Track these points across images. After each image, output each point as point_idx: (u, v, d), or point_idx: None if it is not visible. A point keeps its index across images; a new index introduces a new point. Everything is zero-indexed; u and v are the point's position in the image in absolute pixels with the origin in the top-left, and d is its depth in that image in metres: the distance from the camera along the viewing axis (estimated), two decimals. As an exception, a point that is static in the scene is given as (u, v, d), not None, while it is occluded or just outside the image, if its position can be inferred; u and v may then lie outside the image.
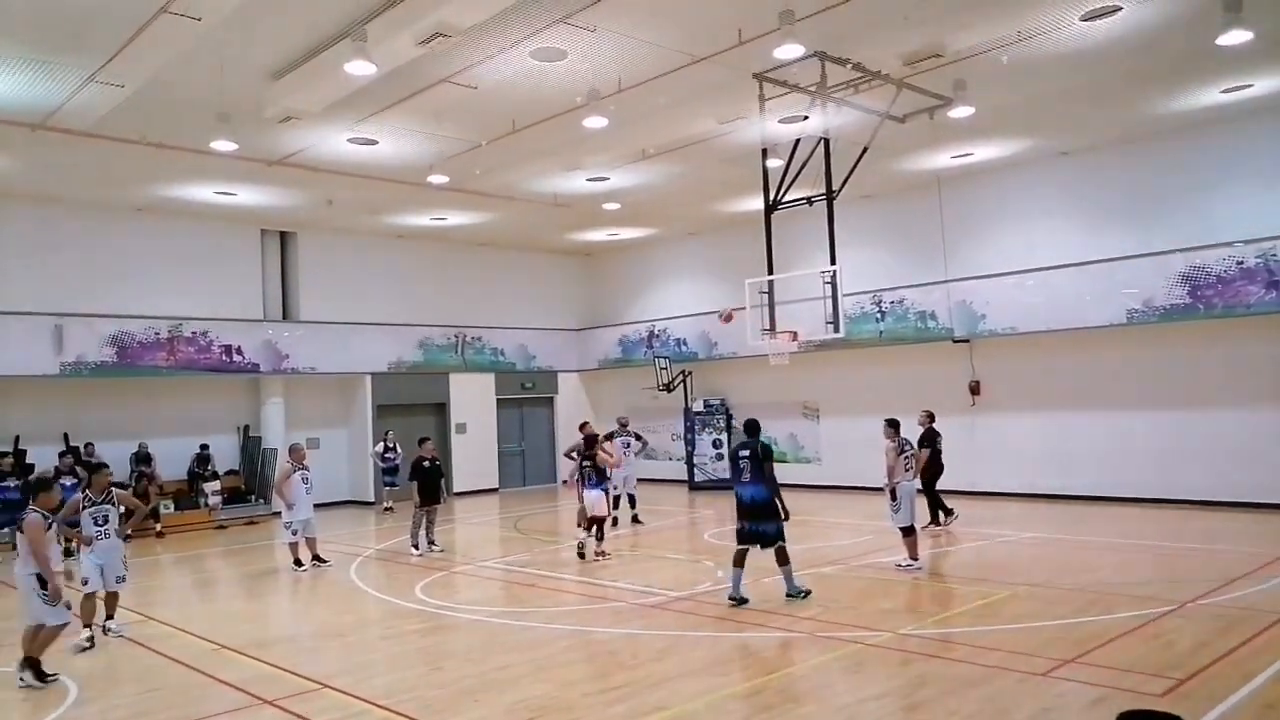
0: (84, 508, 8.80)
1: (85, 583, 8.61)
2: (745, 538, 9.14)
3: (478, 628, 8.86)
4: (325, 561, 12.31)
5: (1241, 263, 13.69)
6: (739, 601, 9.02)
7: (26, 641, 7.40)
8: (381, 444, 18.98)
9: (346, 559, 12.93)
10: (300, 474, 12.25)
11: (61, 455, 15.50)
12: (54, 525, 7.73)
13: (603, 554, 11.84)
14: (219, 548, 15.08)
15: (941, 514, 13.34)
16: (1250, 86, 12.83)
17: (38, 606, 7.38)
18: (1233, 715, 5.64)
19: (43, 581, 7.36)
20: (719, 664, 7.18)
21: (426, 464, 13.25)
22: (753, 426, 9.58)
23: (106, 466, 9.69)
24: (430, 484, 13.16)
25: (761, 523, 9.07)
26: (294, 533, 12.23)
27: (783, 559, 9.12)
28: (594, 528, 11.95)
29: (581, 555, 11.92)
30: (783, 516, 9.16)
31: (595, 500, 11.95)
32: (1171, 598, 8.59)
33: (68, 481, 14.88)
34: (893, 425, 11.11)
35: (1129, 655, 6.90)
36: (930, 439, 13.29)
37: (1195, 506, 14.30)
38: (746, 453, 9.27)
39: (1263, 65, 11.97)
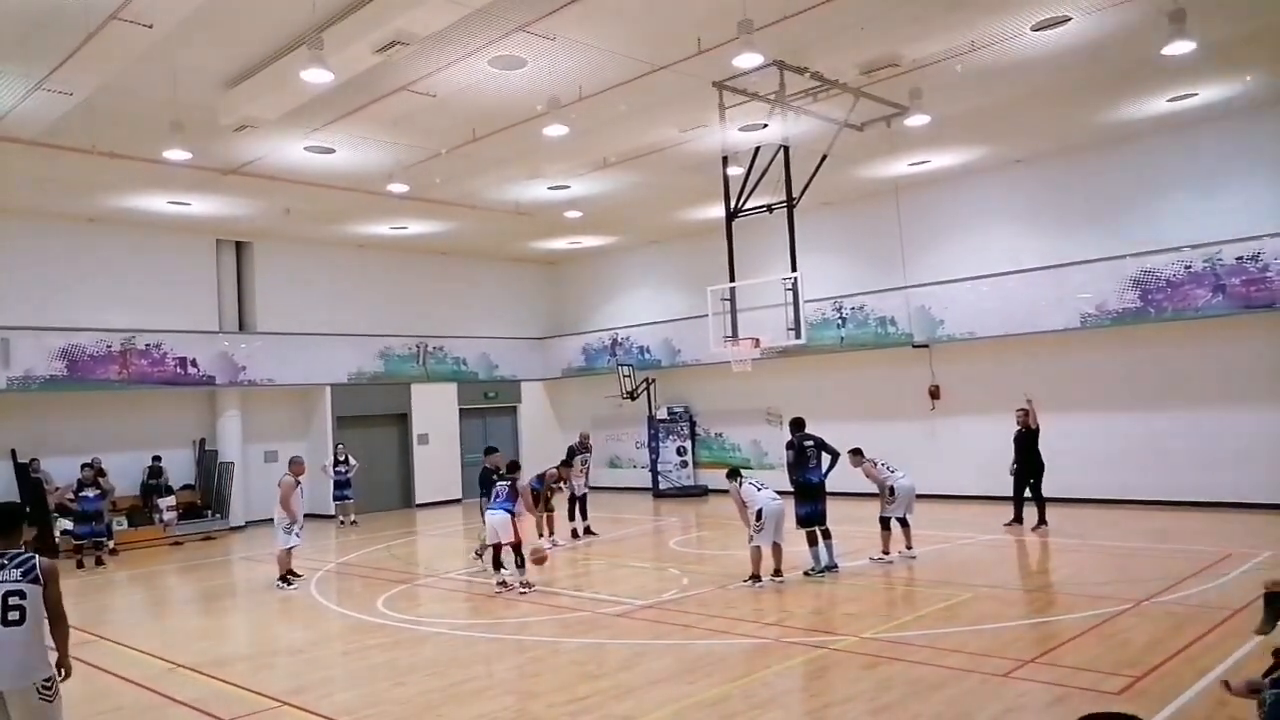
0: None
1: None
2: (816, 519, 10.36)
3: (441, 641, 8.76)
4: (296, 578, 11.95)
5: (1189, 267, 14.04)
6: (831, 568, 10.43)
7: None
8: (332, 457, 18.63)
9: (307, 573, 12.70)
10: (300, 487, 12.05)
11: (84, 467, 14.94)
12: None
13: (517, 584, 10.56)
14: (174, 564, 14.75)
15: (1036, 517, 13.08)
16: (1195, 95, 13.18)
17: None
18: (1187, 711, 5.76)
19: None
20: (685, 672, 7.17)
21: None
22: (803, 422, 10.84)
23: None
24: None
25: (823, 502, 10.40)
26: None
27: (829, 535, 10.49)
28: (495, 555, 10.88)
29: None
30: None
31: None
32: (1126, 596, 8.75)
33: (90, 493, 14.54)
34: (856, 453, 11.23)
35: (1087, 654, 7.02)
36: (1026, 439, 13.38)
37: (1149, 506, 14.59)
38: (811, 443, 10.53)
39: (1206, 75, 12.29)
